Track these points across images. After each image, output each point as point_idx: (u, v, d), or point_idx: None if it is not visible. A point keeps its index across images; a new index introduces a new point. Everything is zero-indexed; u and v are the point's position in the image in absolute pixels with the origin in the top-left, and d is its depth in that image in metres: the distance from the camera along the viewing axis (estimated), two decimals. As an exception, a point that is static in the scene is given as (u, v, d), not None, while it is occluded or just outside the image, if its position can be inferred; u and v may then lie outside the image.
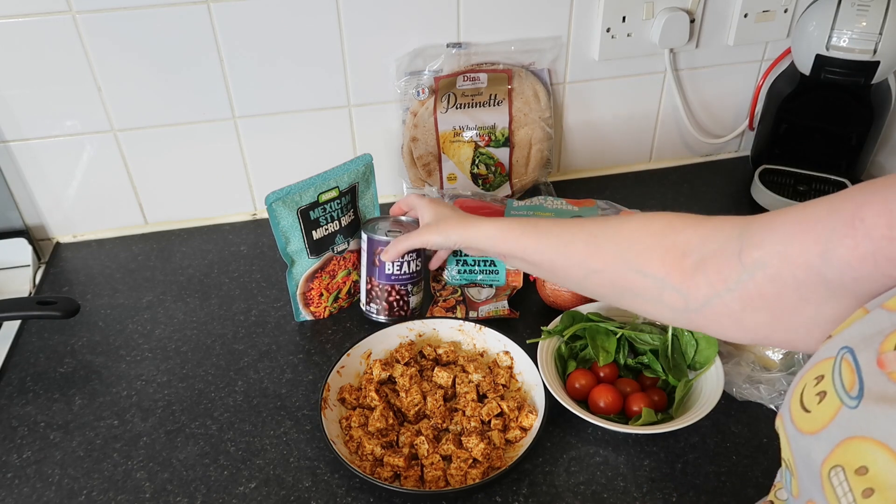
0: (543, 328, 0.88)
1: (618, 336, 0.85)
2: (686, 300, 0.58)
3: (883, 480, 0.36)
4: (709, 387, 0.81)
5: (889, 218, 0.42)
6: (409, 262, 0.91)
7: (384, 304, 0.93)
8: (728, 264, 0.54)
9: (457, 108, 1.11)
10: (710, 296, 0.56)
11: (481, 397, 0.84)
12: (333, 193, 0.90)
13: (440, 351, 0.89)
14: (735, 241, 0.55)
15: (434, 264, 0.98)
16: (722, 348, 0.85)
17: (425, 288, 0.98)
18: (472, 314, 0.95)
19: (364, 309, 0.96)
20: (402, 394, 0.84)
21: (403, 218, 0.95)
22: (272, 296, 1.02)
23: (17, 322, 0.98)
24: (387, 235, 0.91)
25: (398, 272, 0.91)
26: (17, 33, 0.95)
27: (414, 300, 0.95)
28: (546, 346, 0.86)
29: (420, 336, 0.91)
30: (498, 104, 1.11)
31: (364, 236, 0.92)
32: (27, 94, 1.00)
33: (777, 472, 0.52)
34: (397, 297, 0.93)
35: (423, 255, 0.93)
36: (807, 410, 0.42)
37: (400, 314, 0.94)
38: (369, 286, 0.94)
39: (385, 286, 0.92)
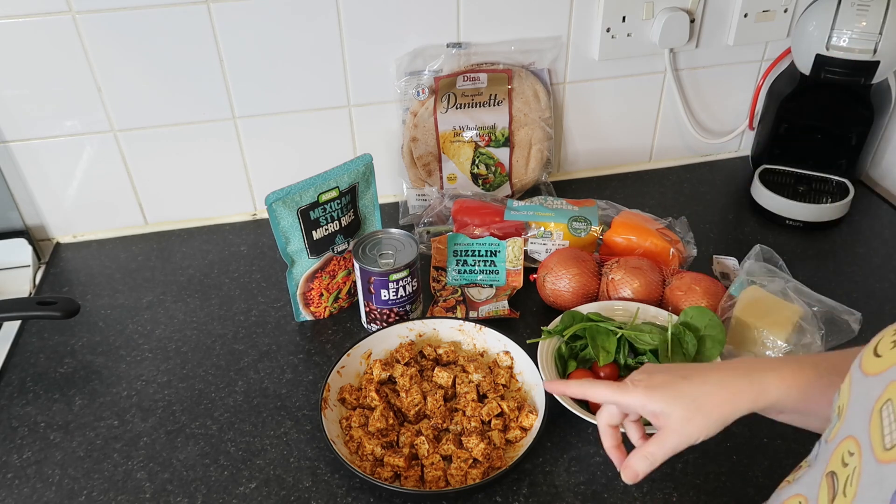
0: (543, 328, 0.88)
1: (618, 336, 0.85)
2: None
3: None
4: (709, 387, 0.80)
5: None
6: (404, 286, 0.90)
7: (385, 323, 0.93)
8: None
9: (457, 108, 1.11)
10: None
11: (481, 397, 0.84)
12: (333, 193, 0.90)
13: (440, 351, 0.89)
14: None
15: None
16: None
17: (424, 298, 0.98)
18: (472, 314, 0.95)
19: (366, 327, 0.96)
20: (403, 394, 0.84)
21: (394, 231, 0.94)
22: (272, 296, 1.02)
23: (17, 322, 0.98)
24: (380, 259, 0.90)
25: (395, 297, 0.90)
26: (17, 33, 0.95)
27: (414, 315, 0.95)
28: (546, 346, 0.86)
29: (420, 336, 0.91)
30: (498, 104, 1.11)
31: (356, 265, 0.90)
32: (27, 94, 1.00)
33: (808, 454, 0.52)
34: (397, 317, 0.93)
35: (417, 274, 0.92)
36: (878, 356, 0.44)
37: None
38: (367, 309, 0.94)
39: (384, 310, 0.92)
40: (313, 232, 0.91)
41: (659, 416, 0.60)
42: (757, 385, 0.57)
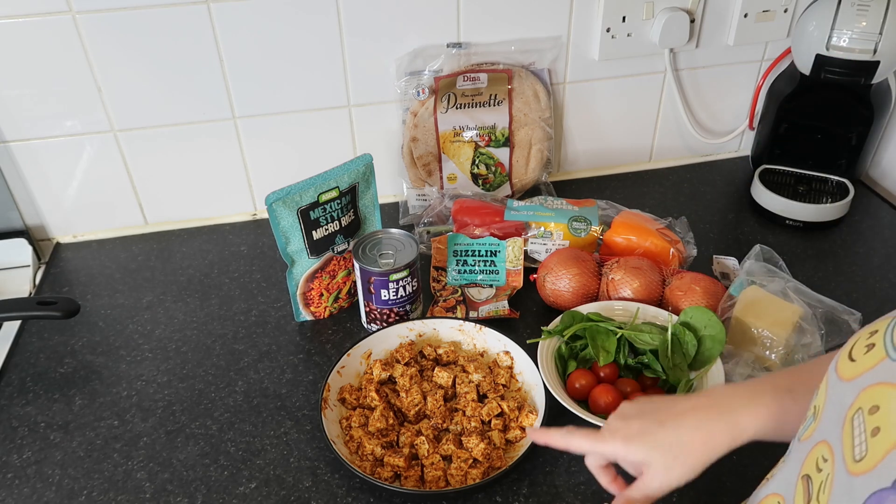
0: (543, 328, 0.88)
1: (618, 336, 0.85)
2: None
3: (890, 419, 0.37)
4: (709, 387, 0.81)
5: None
6: (404, 286, 0.90)
7: (385, 323, 0.93)
8: None
9: (457, 108, 1.11)
10: None
11: (481, 397, 0.84)
12: (333, 193, 0.90)
13: (440, 351, 0.89)
14: None
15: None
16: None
17: (424, 298, 0.98)
18: (473, 314, 0.95)
19: (366, 327, 0.96)
20: (403, 394, 0.84)
21: (394, 231, 0.94)
22: (272, 296, 1.02)
23: (18, 322, 0.98)
24: (380, 259, 0.89)
25: (395, 297, 0.90)
26: (17, 33, 0.95)
27: (414, 315, 0.95)
28: (546, 346, 0.86)
29: (420, 336, 0.91)
30: (498, 104, 1.11)
31: (356, 265, 0.90)
32: (27, 94, 1.00)
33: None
34: (397, 317, 0.93)
35: (417, 274, 0.92)
36: (852, 360, 0.43)
37: None
38: (367, 309, 0.94)
39: (384, 310, 0.92)
40: (313, 232, 0.91)
41: (639, 465, 0.61)
42: (733, 426, 0.59)
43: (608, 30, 1.11)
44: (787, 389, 0.59)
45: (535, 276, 0.98)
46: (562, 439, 0.67)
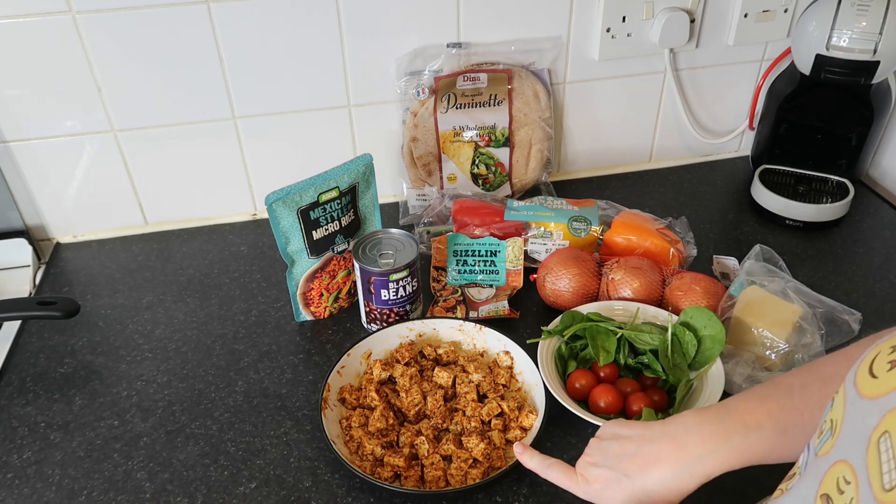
0: (543, 328, 0.88)
1: (618, 336, 0.85)
2: None
3: None
4: (709, 387, 0.81)
5: None
6: (404, 286, 0.90)
7: (385, 323, 0.93)
8: None
9: (457, 108, 1.11)
10: None
11: (481, 397, 0.84)
12: (333, 193, 0.90)
13: (440, 351, 0.89)
14: None
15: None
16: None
17: (424, 298, 0.98)
18: (473, 314, 0.95)
19: (366, 327, 0.96)
20: (403, 394, 0.84)
21: (394, 231, 0.94)
22: (272, 296, 1.02)
23: (18, 322, 0.98)
24: (380, 259, 0.90)
25: (395, 297, 0.90)
26: (17, 33, 0.95)
27: (414, 315, 0.95)
28: (546, 346, 0.86)
29: (420, 336, 0.91)
30: (498, 104, 1.11)
31: (356, 265, 0.90)
32: (27, 94, 1.00)
33: (796, 462, 0.52)
34: (397, 317, 0.93)
35: (417, 274, 0.92)
36: (874, 376, 0.42)
37: None
38: (367, 309, 0.94)
39: (384, 310, 0.92)
40: (313, 232, 0.91)
41: None
42: (699, 472, 0.61)
43: (608, 30, 1.11)
44: (757, 427, 0.61)
45: (535, 276, 0.98)
46: (540, 468, 0.70)
